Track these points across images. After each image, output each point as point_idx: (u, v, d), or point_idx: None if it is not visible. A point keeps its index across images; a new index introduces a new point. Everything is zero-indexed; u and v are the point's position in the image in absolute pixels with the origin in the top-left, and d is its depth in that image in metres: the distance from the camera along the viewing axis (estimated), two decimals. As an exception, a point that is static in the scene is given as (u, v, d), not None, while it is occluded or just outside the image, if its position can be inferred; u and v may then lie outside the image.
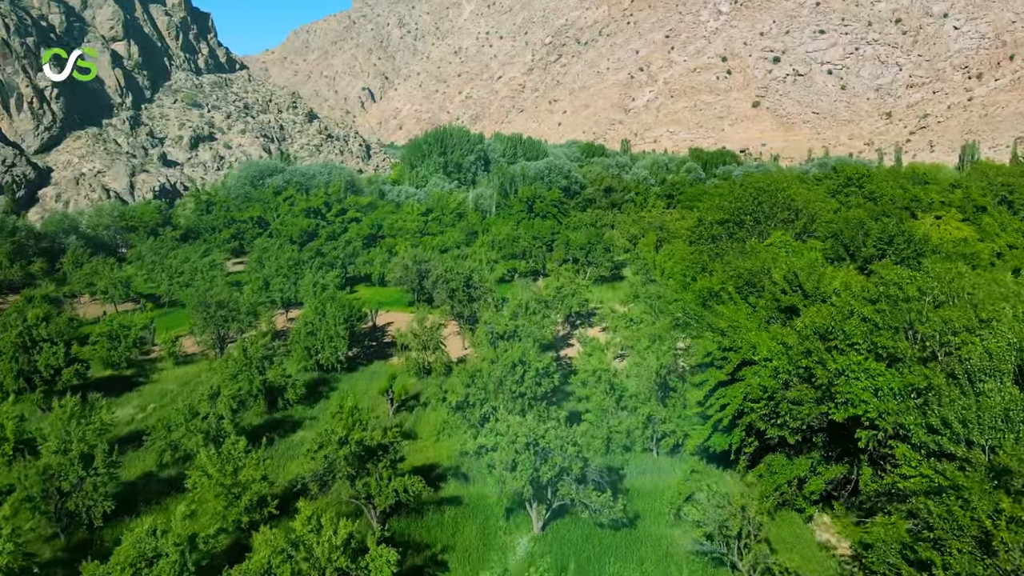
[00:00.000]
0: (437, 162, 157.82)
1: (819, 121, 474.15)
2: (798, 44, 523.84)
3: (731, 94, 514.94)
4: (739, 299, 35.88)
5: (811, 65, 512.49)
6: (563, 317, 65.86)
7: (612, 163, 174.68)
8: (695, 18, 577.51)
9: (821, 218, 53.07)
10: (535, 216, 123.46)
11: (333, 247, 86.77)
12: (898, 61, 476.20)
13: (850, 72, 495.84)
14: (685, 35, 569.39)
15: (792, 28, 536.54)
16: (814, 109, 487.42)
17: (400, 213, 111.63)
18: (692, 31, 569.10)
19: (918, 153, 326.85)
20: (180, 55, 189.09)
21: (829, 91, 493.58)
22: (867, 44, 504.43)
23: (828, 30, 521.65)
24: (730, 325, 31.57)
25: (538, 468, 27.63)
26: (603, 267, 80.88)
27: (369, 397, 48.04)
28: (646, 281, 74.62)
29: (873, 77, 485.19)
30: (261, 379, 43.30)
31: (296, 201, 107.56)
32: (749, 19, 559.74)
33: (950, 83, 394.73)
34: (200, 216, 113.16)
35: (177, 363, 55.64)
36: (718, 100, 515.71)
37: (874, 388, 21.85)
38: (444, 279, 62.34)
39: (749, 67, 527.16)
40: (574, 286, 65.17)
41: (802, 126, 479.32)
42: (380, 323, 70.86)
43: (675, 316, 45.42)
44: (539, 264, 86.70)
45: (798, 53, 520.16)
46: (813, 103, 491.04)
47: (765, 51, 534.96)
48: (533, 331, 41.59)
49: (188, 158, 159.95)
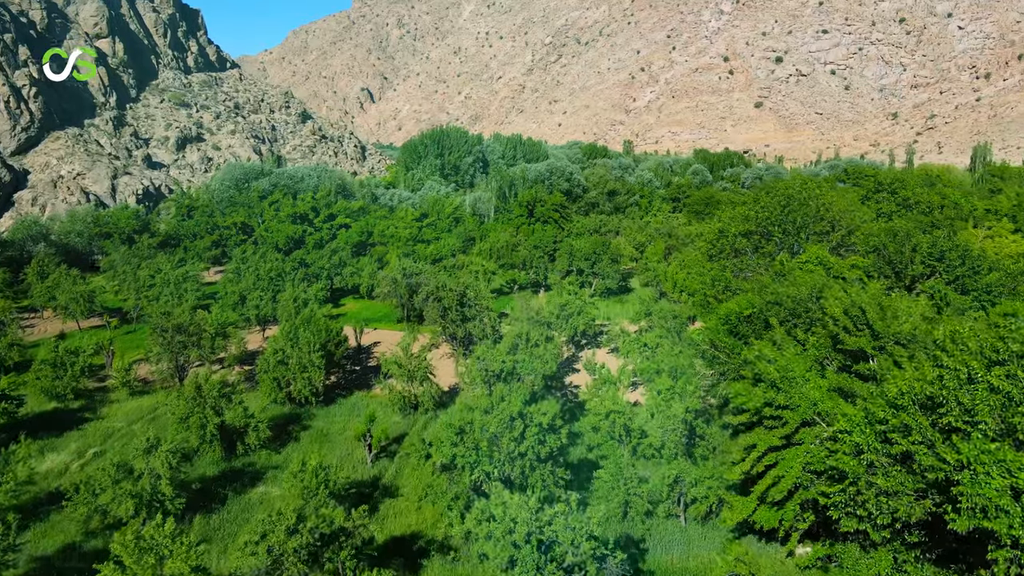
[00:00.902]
0: (434, 164, 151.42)
1: (822, 122, 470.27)
2: (801, 44, 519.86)
3: (733, 94, 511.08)
4: (785, 336, 29.44)
5: (814, 65, 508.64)
6: (568, 338, 59.49)
7: (615, 165, 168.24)
8: (697, 18, 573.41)
9: (860, 230, 46.72)
10: (536, 221, 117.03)
11: (318, 256, 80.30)
12: (902, 61, 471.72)
13: (854, 72, 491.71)
14: (687, 35, 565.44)
15: (795, 28, 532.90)
16: (817, 110, 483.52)
17: (393, 219, 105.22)
18: (694, 31, 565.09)
19: (925, 155, 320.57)
20: (168, 53, 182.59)
21: (832, 91, 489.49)
22: (871, 44, 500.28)
23: (831, 30, 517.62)
24: (783, 376, 25.20)
25: (542, 569, 21.22)
26: (610, 279, 74.44)
27: (346, 440, 41.56)
28: (657, 296, 68.23)
29: (877, 77, 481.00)
30: (218, 421, 36.86)
31: (282, 206, 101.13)
32: (751, 19, 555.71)
33: (957, 83, 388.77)
34: (181, 222, 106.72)
35: (133, 394, 49.15)
36: (720, 101, 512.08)
37: (1014, 491, 15.57)
38: (435, 296, 55.91)
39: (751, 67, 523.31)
40: (579, 303, 58.74)
41: (805, 127, 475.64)
42: (366, 342, 64.42)
43: (698, 345, 38.99)
44: (540, 275, 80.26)
45: (801, 53, 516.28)
46: (816, 104, 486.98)
47: (767, 51, 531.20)
48: (535, 367, 35.06)
49: (175, 160, 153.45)
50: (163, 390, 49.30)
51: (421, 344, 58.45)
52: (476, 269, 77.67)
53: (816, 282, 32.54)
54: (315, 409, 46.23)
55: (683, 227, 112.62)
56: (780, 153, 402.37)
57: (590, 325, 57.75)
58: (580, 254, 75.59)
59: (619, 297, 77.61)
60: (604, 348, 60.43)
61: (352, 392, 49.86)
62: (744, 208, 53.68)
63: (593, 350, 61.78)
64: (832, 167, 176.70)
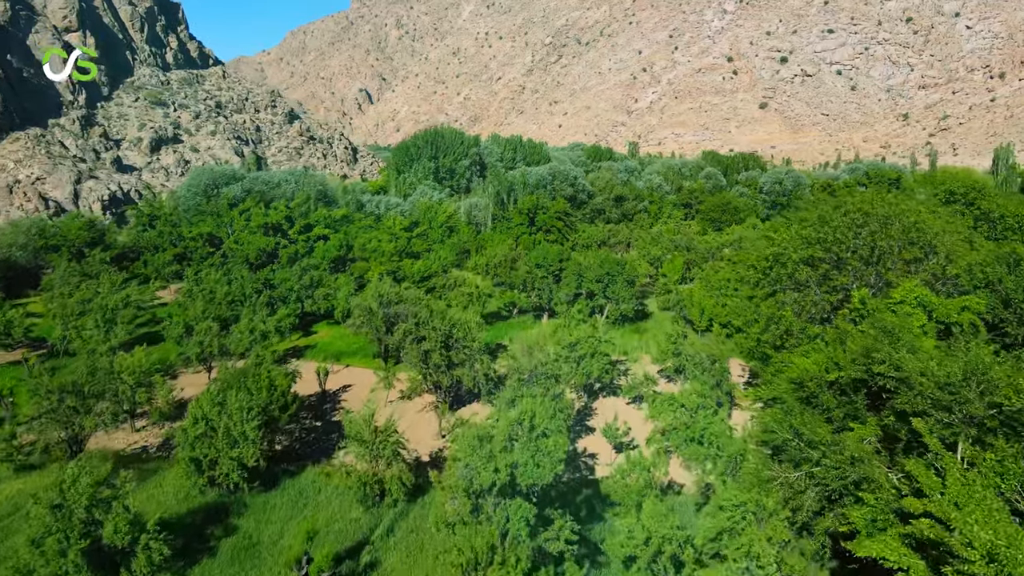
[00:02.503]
0: (427, 167, 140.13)
1: (829, 123, 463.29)
2: (806, 44, 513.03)
3: (737, 95, 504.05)
4: (950, 458, 18.39)
5: (819, 65, 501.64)
6: (579, 386, 48.32)
7: (621, 168, 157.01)
8: (699, 17, 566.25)
9: (962, 257, 35.59)
10: (537, 231, 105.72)
11: (286, 275, 69.07)
12: (909, 61, 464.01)
13: (860, 72, 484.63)
14: (689, 35, 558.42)
15: (799, 27, 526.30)
16: (823, 111, 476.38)
17: (378, 229, 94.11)
18: (696, 31, 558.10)
19: (940, 156, 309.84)
20: (145, 49, 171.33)
21: (839, 92, 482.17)
22: (877, 44, 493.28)
23: (837, 29, 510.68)
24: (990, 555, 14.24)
25: None
26: (626, 304, 63.19)
27: (280, 555, 30.11)
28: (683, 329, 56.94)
29: (884, 78, 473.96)
30: (82, 546, 25.57)
31: (253, 216, 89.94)
32: (755, 18, 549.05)
33: (970, 83, 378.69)
34: (142, 233, 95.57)
35: (18, 470, 37.89)
36: (724, 101, 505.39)
37: None
38: (415, 336, 44.72)
39: (755, 67, 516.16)
40: (594, 342, 47.46)
41: (811, 128, 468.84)
42: (335, 385, 53.13)
43: (771, 431, 27.80)
44: (544, 299, 68.99)
45: (806, 53, 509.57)
46: (822, 104, 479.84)
47: (772, 51, 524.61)
48: (540, 475, 23.64)
49: (148, 162, 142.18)
50: (58, 464, 38.03)
51: (400, 391, 47.24)
52: (469, 291, 66.58)
53: (979, 359, 21.30)
54: (250, 496, 34.97)
55: (699, 238, 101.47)
56: (787, 155, 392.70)
57: (607, 371, 46.55)
58: (590, 275, 64.36)
59: (636, 325, 66.35)
60: (623, 396, 49.29)
61: (304, 467, 38.55)
62: (801, 226, 42.50)
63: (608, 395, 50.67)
64: (852, 170, 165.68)
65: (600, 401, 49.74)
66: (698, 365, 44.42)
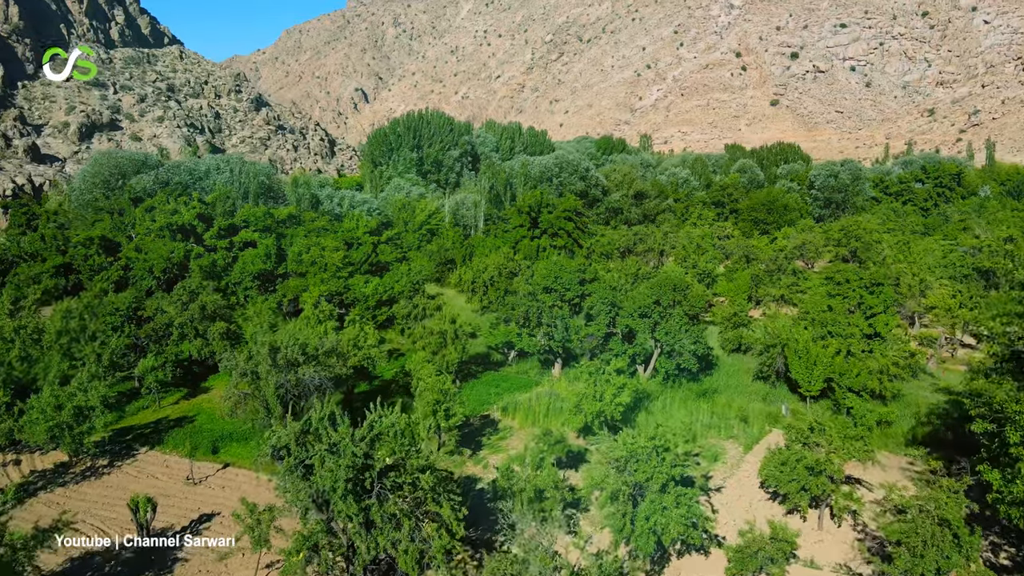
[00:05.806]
0: (409, 158, 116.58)
1: (844, 121, 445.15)
2: (818, 39, 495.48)
3: (747, 92, 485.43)
4: None
5: (832, 61, 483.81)
6: (646, 554, 24.72)
7: (636, 162, 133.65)
8: (705, 12, 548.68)
9: None
10: (542, 234, 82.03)
11: (161, 303, 45.50)
12: (926, 57, 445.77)
13: (875, 68, 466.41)
14: (695, 30, 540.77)
15: (811, 22, 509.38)
16: (838, 108, 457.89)
17: (330, 233, 70.75)
18: (702, 26, 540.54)
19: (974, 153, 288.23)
20: (84, 22, 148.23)
21: (853, 88, 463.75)
22: (892, 39, 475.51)
23: (850, 24, 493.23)
24: None
25: None
26: (687, 356, 39.29)
27: None
28: (784, 397, 33.26)
29: (900, 74, 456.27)
30: None
31: (158, 215, 66.41)
32: (764, 12, 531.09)
33: (1001, 76, 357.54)
34: (20, 237, 72.37)
35: None
36: (733, 98, 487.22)
37: None
38: (298, 459, 21.17)
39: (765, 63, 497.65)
40: (659, 443, 24.00)
41: (825, 126, 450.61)
42: (182, 517, 29.72)
43: None
44: (557, 338, 45.15)
45: (818, 48, 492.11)
46: (836, 101, 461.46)
47: (782, 46, 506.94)
48: None
49: (75, 151, 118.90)
50: None
51: (282, 551, 24.28)
52: (444, 329, 43.00)
53: None
54: None
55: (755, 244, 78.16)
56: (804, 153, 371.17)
57: (688, 519, 22.88)
58: (630, 305, 40.61)
59: (699, 383, 42.47)
60: (720, 551, 25.77)
61: None
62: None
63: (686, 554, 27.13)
64: (906, 163, 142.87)
65: (675, 564, 26.18)
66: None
